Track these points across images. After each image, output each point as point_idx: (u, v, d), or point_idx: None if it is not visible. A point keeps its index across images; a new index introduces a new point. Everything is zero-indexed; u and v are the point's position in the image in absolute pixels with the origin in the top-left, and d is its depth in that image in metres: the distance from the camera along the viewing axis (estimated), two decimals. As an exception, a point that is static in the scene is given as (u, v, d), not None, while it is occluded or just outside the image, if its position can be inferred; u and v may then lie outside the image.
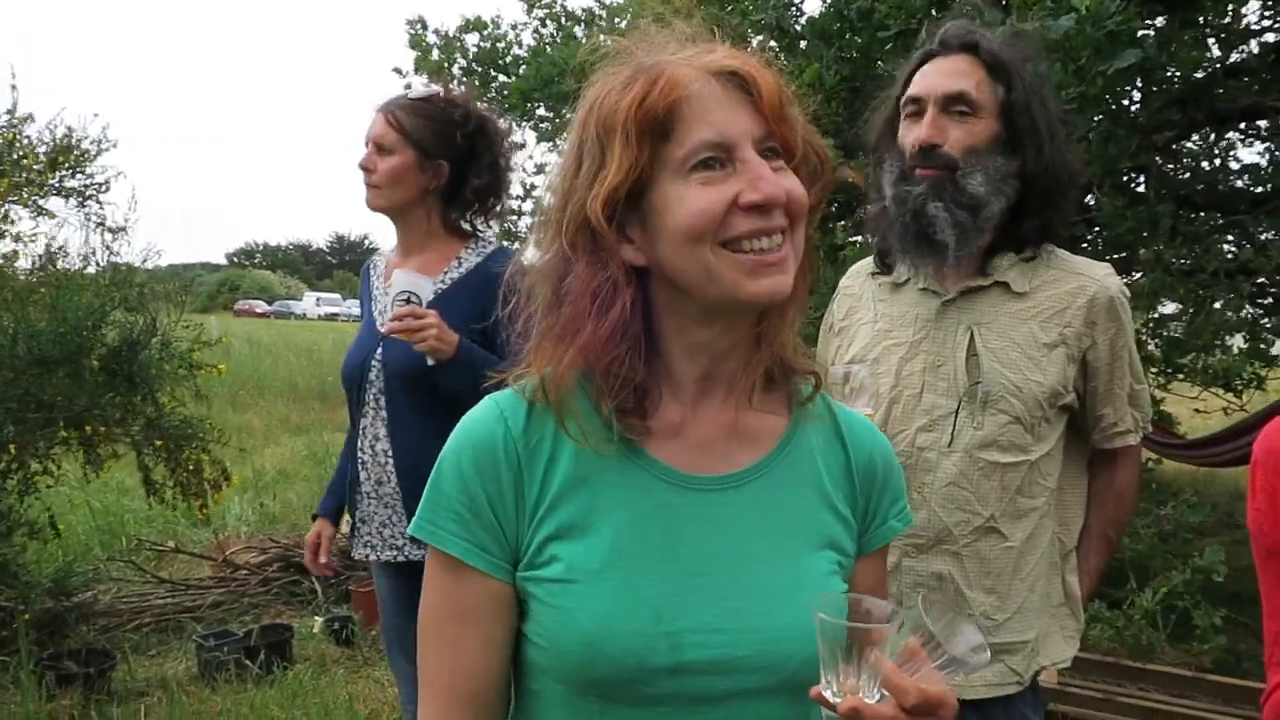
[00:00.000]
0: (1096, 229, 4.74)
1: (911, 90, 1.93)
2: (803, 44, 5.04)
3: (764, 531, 1.11)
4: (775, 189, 1.02)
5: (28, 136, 4.66)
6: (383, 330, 2.35)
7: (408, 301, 2.31)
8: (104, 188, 4.87)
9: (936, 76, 1.90)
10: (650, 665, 1.03)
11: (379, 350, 2.50)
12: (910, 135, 1.91)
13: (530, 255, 1.17)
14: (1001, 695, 1.93)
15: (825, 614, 0.96)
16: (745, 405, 1.14)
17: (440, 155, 2.51)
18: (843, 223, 5.29)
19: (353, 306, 62.58)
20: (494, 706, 1.12)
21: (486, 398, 1.15)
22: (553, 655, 1.06)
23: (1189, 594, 4.50)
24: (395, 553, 2.53)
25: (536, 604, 1.07)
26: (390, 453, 2.48)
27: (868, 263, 2.17)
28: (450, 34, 8.56)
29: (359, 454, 2.55)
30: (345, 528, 2.80)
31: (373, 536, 2.55)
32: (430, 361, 2.32)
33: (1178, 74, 4.33)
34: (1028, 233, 1.92)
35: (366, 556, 2.58)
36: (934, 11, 4.24)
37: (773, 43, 5.26)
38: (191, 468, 4.50)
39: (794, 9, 5.43)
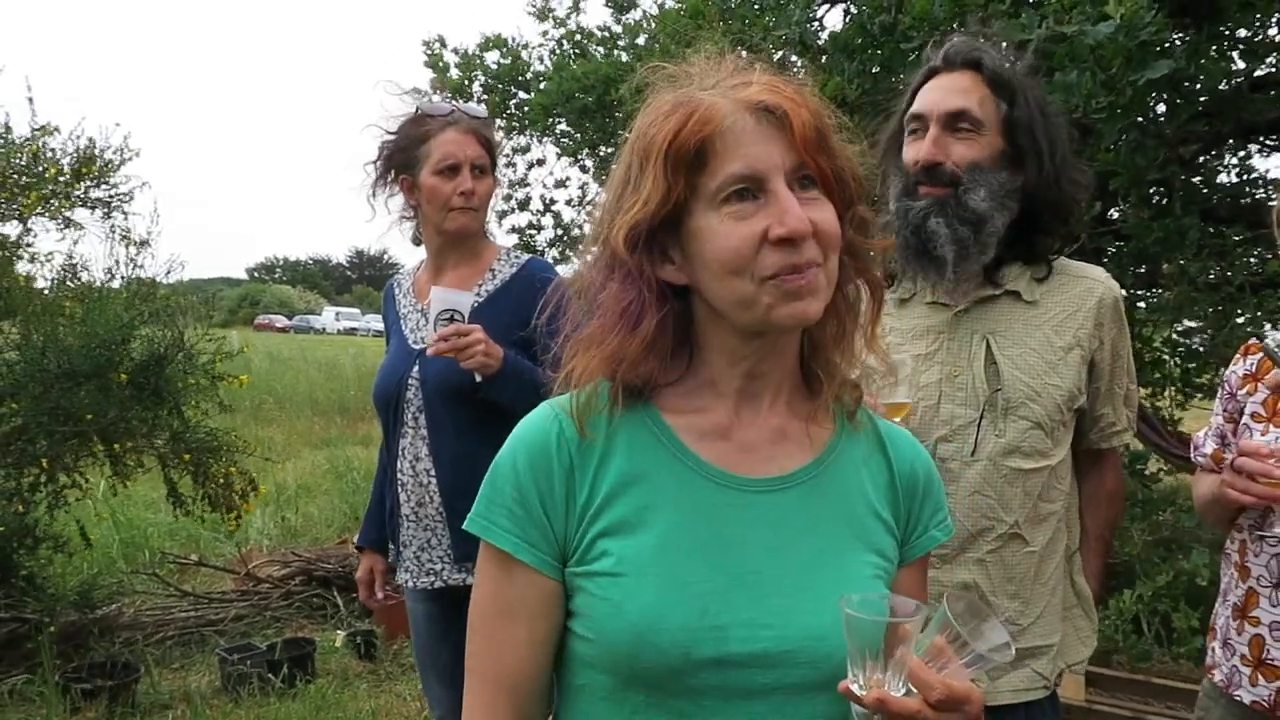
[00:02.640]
0: (1119, 241, 4.72)
1: (915, 107, 1.95)
2: (824, 58, 5.04)
3: (810, 533, 1.14)
4: (800, 223, 1.04)
5: (51, 149, 4.70)
6: (429, 351, 2.33)
7: (451, 320, 2.31)
8: (128, 198, 4.90)
9: (939, 93, 1.92)
10: (695, 657, 1.06)
11: (415, 368, 2.48)
12: (913, 153, 1.93)
13: (575, 265, 1.22)
14: (1028, 701, 1.93)
15: (853, 609, 0.98)
16: (790, 413, 1.19)
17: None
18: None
19: (371, 321, 62.90)
20: (536, 699, 1.16)
21: (543, 403, 1.19)
22: (600, 647, 1.09)
23: (1170, 597, 4.50)
24: (432, 578, 2.50)
25: (586, 597, 1.11)
26: (432, 471, 2.46)
27: None
28: (470, 52, 8.60)
29: (398, 476, 2.52)
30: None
31: (410, 562, 2.53)
32: (478, 377, 2.31)
33: (1204, 86, 4.30)
34: (1042, 248, 1.95)
35: (406, 582, 2.56)
36: (956, 25, 4.24)
37: (795, 57, 5.26)
38: (221, 480, 4.52)
39: (815, 23, 5.43)
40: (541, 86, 7.92)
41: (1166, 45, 3.71)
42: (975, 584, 1.91)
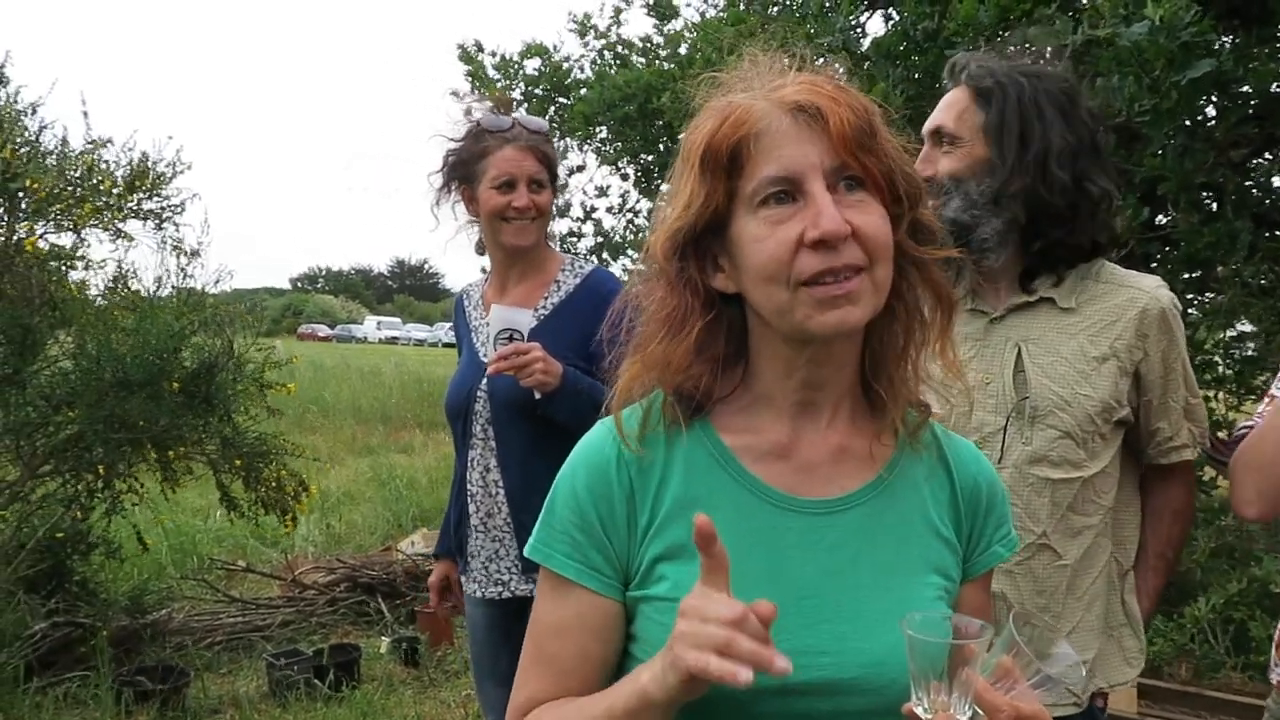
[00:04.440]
0: (1168, 246, 4.65)
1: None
2: (867, 65, 5.03)
3: (869, 556, 1.11)
4: (834, 224, 1.00)
5: (105, 161, 4.79)
6: (489, 370, 2.36)
7: (510, 339, 2.33)
8: (180, 209, 4.98)
9: (935, 111, 1.97)
10: (757, 685, 0.98)
11: (484, 381, 2.50)
12: None
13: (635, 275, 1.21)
14: (1057, 717, 1.88)
15: (914, 630, 0.95)
16: (850, 430, 1.15)
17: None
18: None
19: (413, 330, 63.49)
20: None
21: (600, 421, 1.18)
22: None
23: (1244, 605, 4.40)
24: (500, 589, 2.52)
25: (646, 621, 1.10)
26: (501, 483, 2.49)
27: None
28: (509, 58, 8.67)
29: (468, 486, 2.54)
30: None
31: (478, 572, 2.55)
32: (537, 395, 2.33)
33: (1254, 88, 4.24)
34: (1054, 251, 1.92)
35: (474, 592, 2.57)
36: (1001, 30, 4.21)
37: (838, 65, 5.25)
38: (273, 484, 4.58)
39: (858, 29, 5.42)
40: (583, 94, 7.96)
41: (1213, 47, 3.65)
42: (1002, 594, 1.89)
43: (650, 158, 7.74)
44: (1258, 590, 4.43)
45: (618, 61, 8.55)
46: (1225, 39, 4.32)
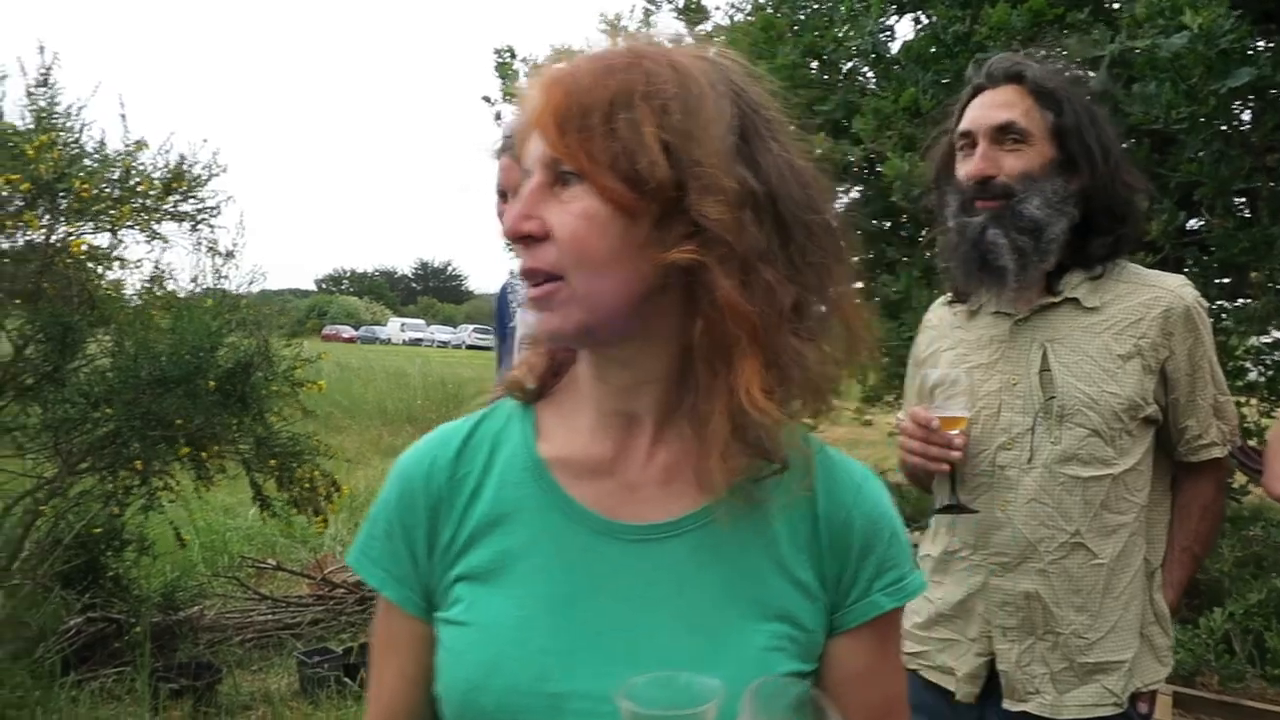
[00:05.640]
0: (1202, 251, 4.62)
1: (963, 125, 2.00)
2: (896, 68, 5.02)
3: (687, 593, 0.96)
4: (507, 224, 0.93)
5: (142, 163, 4.86)
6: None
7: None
8: (215, 211, 5.04)
9: (985, 109, 1.97)
10: None
11: None
12: (965, 168, 1.98)
13: None
14: (1098, 717, 1.91)
15: (629, 700, 0.79)
16: (684, 447, 0.98)
17: None
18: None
19: (436, 332, 63.72)
20: None
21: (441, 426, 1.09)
22: (442, 700, 1.00)
23: (1262, 615, 4.36)
24: None
25: (439, 645, 1.01)
26: None
27: (947, 295, 2.22)
28: (539, 63, 8.68)
29: None
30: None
31: None
32: None
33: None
34: (1095, 249, 1.96)
35: None
36: (1032, 36, 4.20)
37: (868, 70, 5.25)
38: (306, 484, 4.63)
39: (888, 33, 5.42)
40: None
41: (1250, 52, 3.63)
42: (1038, 594, 1.92)
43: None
44: (1277, 600, 4.39)
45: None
46: (1259, 43, 4.30)
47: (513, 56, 8.79)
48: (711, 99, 0.92)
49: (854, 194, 5.88)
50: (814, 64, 5.49)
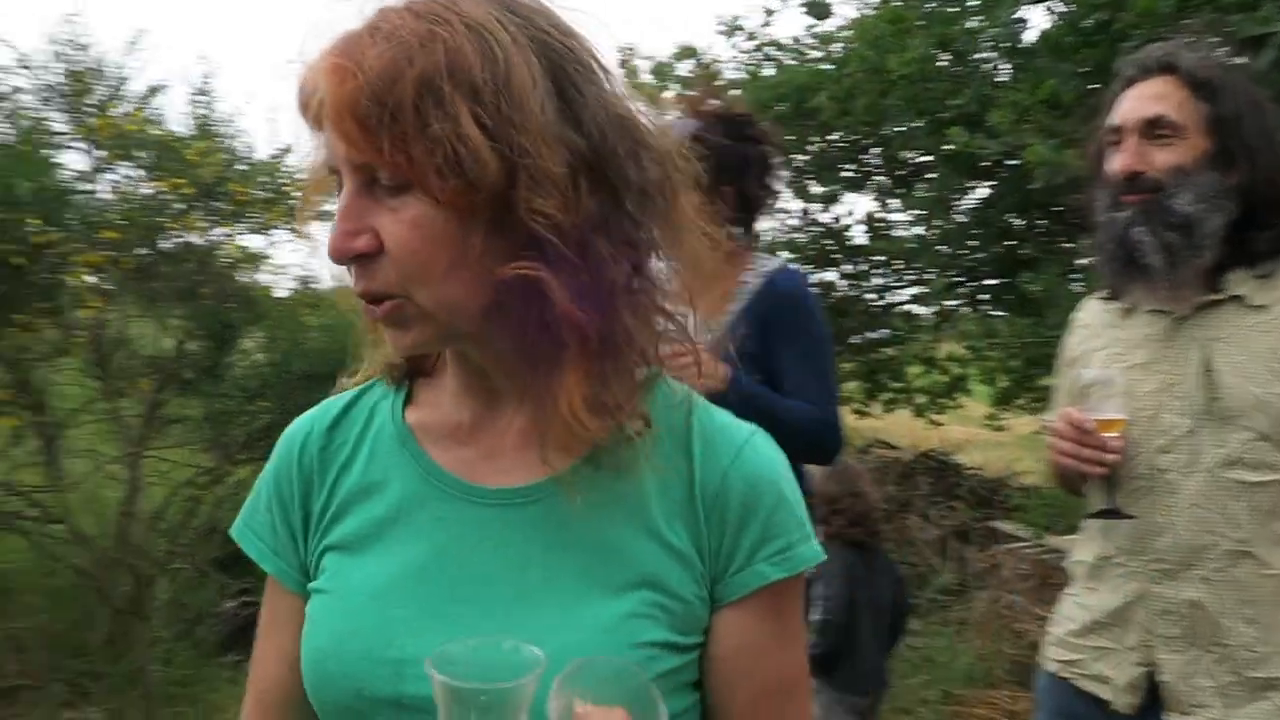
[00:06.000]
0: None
1: (1112, 119, 1.92)
2: (1036, 60, 4.90)
3: (547, 559, 0.92)
4: (331, 248, 0.85)
5: (290, 167, 5.09)
6: None
7: None
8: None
9: (1135, 102, 1.89)
10: (369, 694, 0.90)
11: None
12: (1113, 164, 1.91)
13: None
14: None
15: (439, 671, 0.72)
16: (556, 410, 0.89)
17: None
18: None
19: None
20: (289, 715, 1.04)
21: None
22: (303, 673, 0.97)
23: None
24: None
25: (307, 618, 0.98)
26: None
27: (1102, 292, 2.15)
28: (662, 62, 8.75)
29: None
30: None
31: None
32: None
33: None
34: (1260, 245, 1.86)
35: None
36: (1179, 21, 4.04)
37: (1004, 61, 5.15)
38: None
39: (1021, 23, 5.29)
40: (733, 95, 7.97)
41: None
42: (1202, 603, 1.83)
43: (804, 158, 7.69)
44: None
45: (769, 61, 8.53)
46: None
47: (633, 55, 8.87)
48: (520, 63, 0.82)
49: (986, 190, 5.78)
50: (945, 57, 5.40)
